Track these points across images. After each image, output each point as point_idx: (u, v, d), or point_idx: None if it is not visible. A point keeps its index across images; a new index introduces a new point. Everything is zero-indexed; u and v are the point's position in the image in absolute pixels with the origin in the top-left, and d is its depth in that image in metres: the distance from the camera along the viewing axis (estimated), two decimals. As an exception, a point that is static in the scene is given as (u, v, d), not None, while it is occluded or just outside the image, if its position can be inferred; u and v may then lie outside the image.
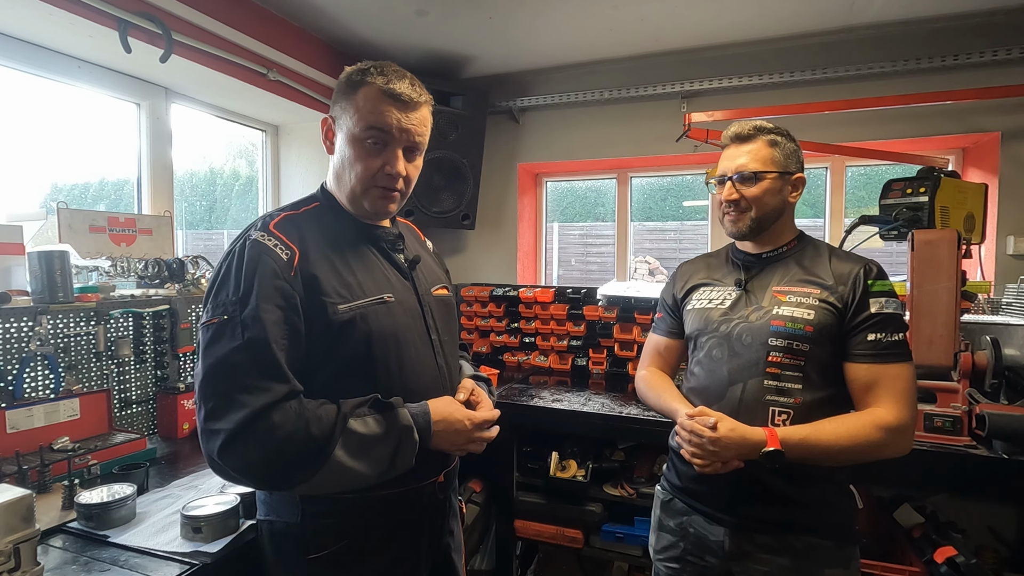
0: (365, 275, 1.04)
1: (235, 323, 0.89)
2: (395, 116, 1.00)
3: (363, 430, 0.92)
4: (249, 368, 0.88)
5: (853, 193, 2.78)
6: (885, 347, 1.13)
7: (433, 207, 2.75)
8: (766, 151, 1.24)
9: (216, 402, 0.87)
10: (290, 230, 1.00)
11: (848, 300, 1.16)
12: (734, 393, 1.20)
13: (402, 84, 1.01)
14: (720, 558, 1.22)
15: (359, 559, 1.00)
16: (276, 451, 0.86)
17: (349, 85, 1.02)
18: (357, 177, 1.03)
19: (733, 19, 2.31)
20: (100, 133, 2.20)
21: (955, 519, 1.84)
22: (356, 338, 0.98)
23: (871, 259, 1.22)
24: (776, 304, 1.20)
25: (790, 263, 1.26)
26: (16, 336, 1.43)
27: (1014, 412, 1.49)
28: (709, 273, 1.38)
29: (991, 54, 2.20)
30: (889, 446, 1.10)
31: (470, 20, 2.32)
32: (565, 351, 2.58)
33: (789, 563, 1.15)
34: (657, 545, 1.36)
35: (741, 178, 1.24)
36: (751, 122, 1.28)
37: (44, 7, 1.59)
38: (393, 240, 1.14)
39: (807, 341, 1.15)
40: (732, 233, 1.30)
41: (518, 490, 2.09)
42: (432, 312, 1.13)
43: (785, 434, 1.10)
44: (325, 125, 1.07)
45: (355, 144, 1.01)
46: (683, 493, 1.30)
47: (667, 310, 1.45)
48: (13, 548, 0.87)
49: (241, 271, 0.93)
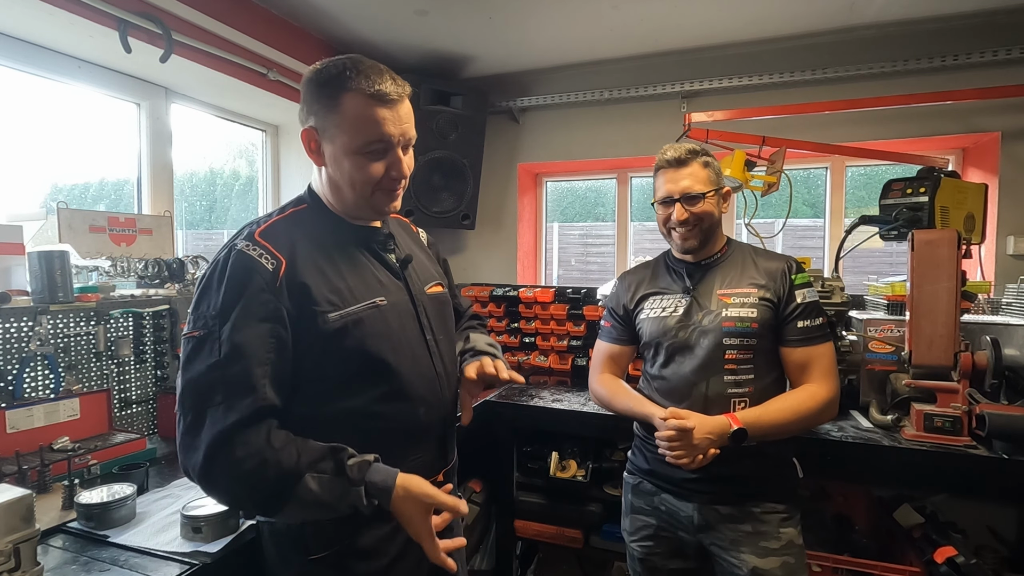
0: (356, 279, 1.02)
1: (213, 339, 0.88)
2: (389, 120, 0.97)
3: (316, 489, 0.87)
4: (222, 386, 0.87)
5: (853, 193, 2.78)
6: (812, 331, 1.34)
7: (433, 207, 2.75)
8: (703, 172, 1.38)
9: (192, 417, 0.87)
10: (277, 238, 0.97)
11: (780, 294, 1.35)
12: (699, 391, 1.35)
13: (385, 83, 0.96)
14: (690, 531, 1.38)
15: (360, 559, 1.00)
16: (239, 484, 0.87)
17: (325, 89, 0.96)
18: (361, 186, 1.00)
19: (733, 19, 2.31)
20: (100, 133, 2.20)
21: (955, 519, 1.84)
22: (349, 345, 0.96)
23: (789, 255, 1.44)
24: (723, 307, 1.36)
25: (726, 267, 1.43)
26: (16, 336, 1.43)
27: (1014, 412, 1.49)
28: (654, 282, 1.51)
29: (991, 54, 2.21)
30: (824, 414, 1.32)
31: (470, 20, 2.32)
32: (565, 351, 2.58)
33: (751, 528, 1.32)
34: (631, 528, 1.49)
35: (688, 199, 1.37)
36: (684, 146, 1.41)
37: (44, 7, 1.59)
38: (384, 240, 1.11)
39: (754, 336, 1.34)
40: (684, 249, 1.43)
41: (518, 490, 2.09)
42: (427, 312, 1.12)
43: (743, 415, 1.28)
44: (307, 136, 1.01)
45: (354, 157, 0.97)
46: (651, 475, 1.44)
47: (616, 319, 1.56)
48: (13, 548, 0.87)
49: (223, 283, 0.90)
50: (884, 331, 1.88)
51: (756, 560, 1.29)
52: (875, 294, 2.15)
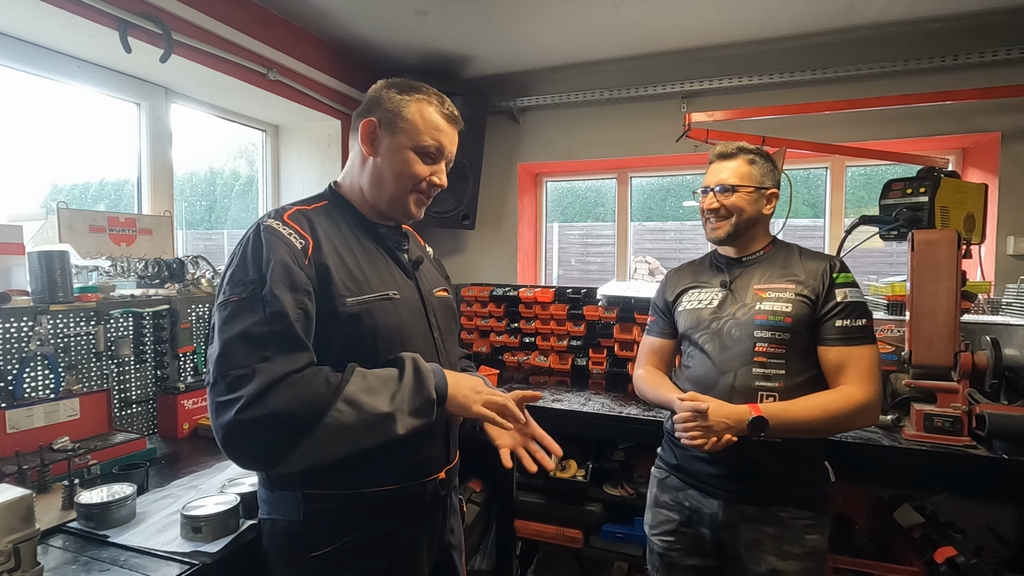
0: (372, 271, 1.06)
1: (256, 299, 0.91)
2: (447, 134, 1.11)
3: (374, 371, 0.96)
4: (272, 340, 0.89)
5: (853, 193, 2.78)
6: (852, 332, 1.29)
7: (433, 207, 2.70)
8: (745, 168, 1.40)
9: (238, 373, 0.87)
10: (302, 222, 1.03)
11: (819, 291, 1.32)
12: (726, 381, 1.34)
13: (452, 107, 1.12)
14: (713, 528, 1.36)
15: (361, 557, 1.00)
16: (296, 402, 0.87)
17: (406, 92, 1.08)
18: (406, 180, 1.08)
19: (733, 19, 2.31)
20: (100, 133, 2.20)
21: (955, 519, 1.84)
22: (361, 331, 1.00)
23: (835, 256, 1.42)
24: (758, 300, 1.36)
25: (767, 264, 1.42)
26: (16, 336, 1.43)
27: (1014, 412, 1.49)
28: (696, 277, 1.53)
29: (991, 54, 2.21)
30: (858, 417, 1.27)
31: (470, 20, 2.32)
32: (565, 351, 2.58)
33: (775, 531, 1.29)
34: (653, 521, 1.49)
35: (721, 190, 1.40)
36: (735, 143, 1.44)
37: (44, 7, 1.59)
38: (399, 240, 1.17)
39: (787, 331, 1.31)
40: (712, 238, 1.45)
41: (518, 490, 2.09)
42: (434, 311, 1.16)
43: (765, 407, 1.26)
44: (369, 127, 1.08)
45: (409, 153, 1.07)
46: (678, 471, 1.44)
47: (659, 313, 1.60)
48: (13, 548, 0.87)
49: (260, 252, 0.94)
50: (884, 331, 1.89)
51: (776, 562, 1.27)
52: (875, 294, 2.16)
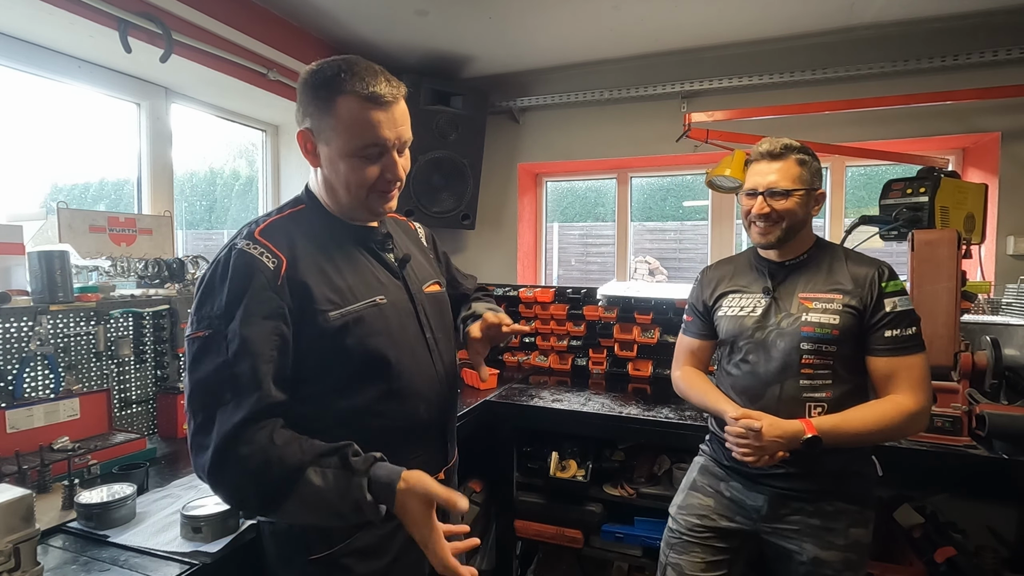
0: (355, 278, 1.02)
1: (220, 338, 0.88)
2: (384, 123, 0.96)
3: (319, 483, 0.86)
4: (230, 385, 0.87)
5: (853, 193, 2.78)
6: (902, 341, 1.26)
7: (433, 207, 2.75)
8: (796, 169, 1.33)
9: (203, 418, 0.87)
10: (277, 237, 0.97)
11: (867, 301, 1.28)
12: (773, 392, 1.32)
13: (380, 85, 0.95)
14: (753, 520, 1.36)
15: (361, 559, 1.00)
16: (244, 481, 0.86)
17: (321, 92, 0.96)
18: (356, 188, 1.00)
19: (733, 19, 2.31)
20: (100, 133, 2.20)
21: (955, 519, 1.84)
22: (350, 343, 0.96)
23: (883, 261, 1.34)
24: (804, 311, 1.31)
25: (811, 269, 1.37)
26: (16, 336, 1.43)
27: (1014, 412, 1.49)
28: (735, 280, 1.47)
29: (991, 54, 2.21)
30: (911, 427, 1.26)
31: (470, 20, 2.32)
32: (565, 351, 2.58)
33: (820, 523, 1.29)
34: (682, 503, 1.48)
35: (772, 194, 1.32)
36: (781, 140, 1.35)
37: (44, 7, 1.59)
38: (382, 240, 1.12)
39: (834, 343, 1.28)
40: (761, 244, 1.39)
41: (518, 490, 2.09)
42: (426, 311, 1.12)
43: (819, 423, 1.23)
44: (303, 138, 1.01)
45: (348, 160, 0.98)
46: (724, 466, 1.42)
47: (697, 314, 1.55)
48: (13, 548, 0.87)
49: (225, 283, 0.91)
50: (884, 331, 1.88)
51: (818, 551, 1.27)
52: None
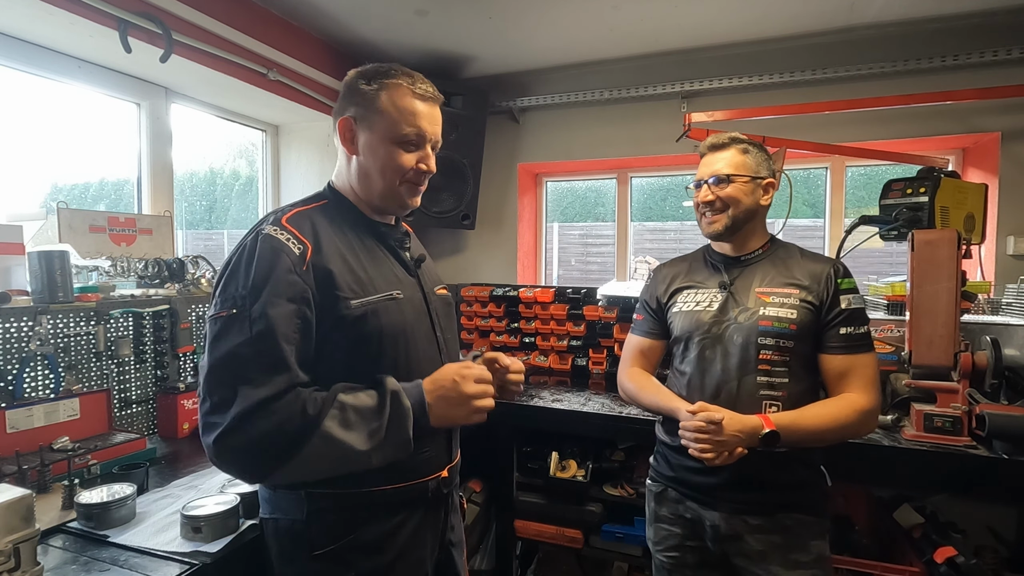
0: (375, 271, 1.05)
1: (244, 317, 0.90)
2: (426, 116, 1.06)
3: (353, 402, 0.93)
4: (255, 362, 0.88)
5: (853, 193, 2.78)
6: (855, 339, 1.27)
7: (433, 207, 2.75)
8: (739, 158, 1.35)
9: (222, 394, 0.88)
10: (303, 225, 1.00)
11: (823, 298, 1.29)
12: (730, 389, 1.29)
13: (426, 84, 1.07)
14: (714, 540, 1.32)
15: (364, 555, 1.00)
16: (274, 433, 0.87)
17: (372, 81, 1.04)
18: (391, 174, 1.05)
19: (733, 19, 2.31)
20: (100, 133, 2.20)
21: (955, 519, 1.84)
22: (367, 333, 0.99)
23: (837, 259, 1.37)
24: (761, 305, 1.31)
25: (767, 265, 1.37)
26: (16, 336, 1.43)
27: (1014, 412, 1.49)
28: (690, 276, 1.46)
29: (991, 54, 2.20)
30: (864, 426, 1.27)
31: (470, 20, 2.32)
32: (565, 351, 2.58)
33: (781, 540, 1.26)
34: (655, 538, 1.43)
35: (716, 180, 1.35)
36: (726, 133, 1.39)
37: (44, 7, 1.59)
38: (400, 238, 1.16)
39: (792, 338, 1.27)
40: (709, 233, 1.39)
41: (518, 490, 2.09)
42: (437, 310, 1.15)
43: (777, 418, 1.22)
44: (345, 125, 1.06)
45: (390, 145, 1.04)
46: (675, 482, 1.38)
47: (649, 312, 1.52)
48: (13, 548, 0.87)
49: (252, 265, 0.93)
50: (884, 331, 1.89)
51: (784, 572, 1.24)
52: (875, 294, 2.16)
